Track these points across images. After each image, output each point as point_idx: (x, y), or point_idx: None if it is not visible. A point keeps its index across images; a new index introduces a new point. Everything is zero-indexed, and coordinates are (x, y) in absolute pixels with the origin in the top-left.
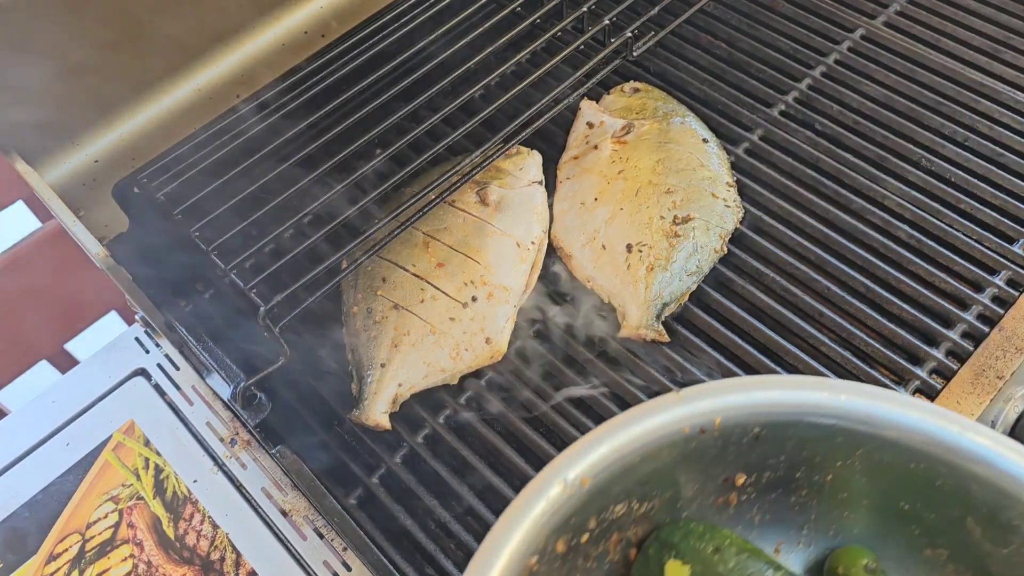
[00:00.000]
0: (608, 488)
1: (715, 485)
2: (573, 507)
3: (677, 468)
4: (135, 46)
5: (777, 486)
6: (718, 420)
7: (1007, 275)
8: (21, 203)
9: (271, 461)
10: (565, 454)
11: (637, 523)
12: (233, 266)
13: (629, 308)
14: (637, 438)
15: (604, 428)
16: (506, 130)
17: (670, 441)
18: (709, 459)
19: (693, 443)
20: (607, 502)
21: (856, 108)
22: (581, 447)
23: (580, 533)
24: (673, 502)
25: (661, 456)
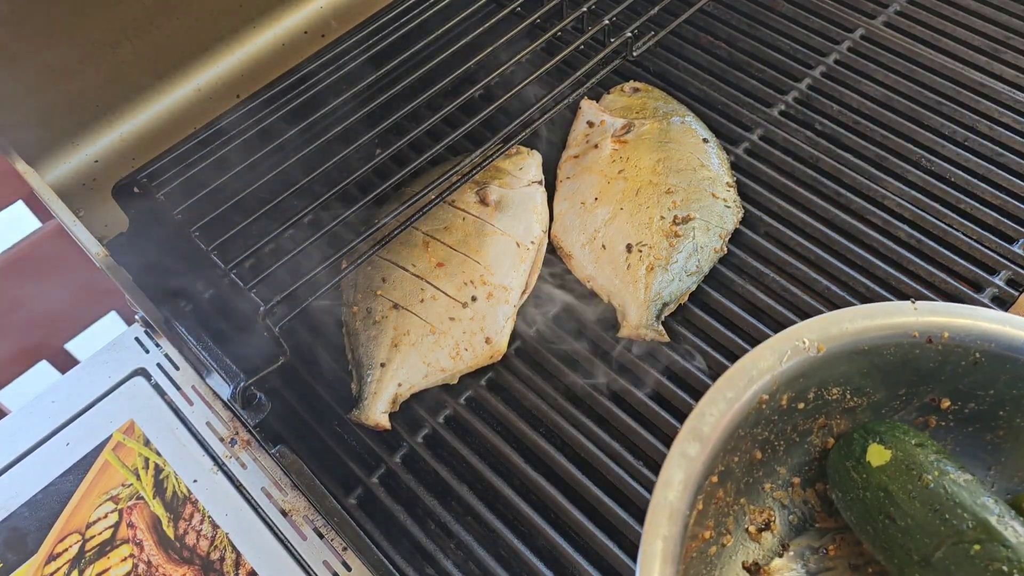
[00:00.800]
0: (835, 364)
1: (921, 403)
2: (804, 367)
3: (895, 372)
4: (135, 46)
5: (977, 420)
6: (946, 334)
7: (1007, 275)
8: (21, 203)
9: (271, 461)
10: (807, 323)
11: (842, 416)
12: (233, 266)
13: (629, 308)
14: (872, 327)
15: (846, 312)
16: (506, 130)
17: (897, 341)
18: (925, 372)
19: (917, 350)
20: (828, 380)
21: (856, 108)
22: (824, 319)
23: (800, 399)
24: (878, 407)
25: (886, 352)
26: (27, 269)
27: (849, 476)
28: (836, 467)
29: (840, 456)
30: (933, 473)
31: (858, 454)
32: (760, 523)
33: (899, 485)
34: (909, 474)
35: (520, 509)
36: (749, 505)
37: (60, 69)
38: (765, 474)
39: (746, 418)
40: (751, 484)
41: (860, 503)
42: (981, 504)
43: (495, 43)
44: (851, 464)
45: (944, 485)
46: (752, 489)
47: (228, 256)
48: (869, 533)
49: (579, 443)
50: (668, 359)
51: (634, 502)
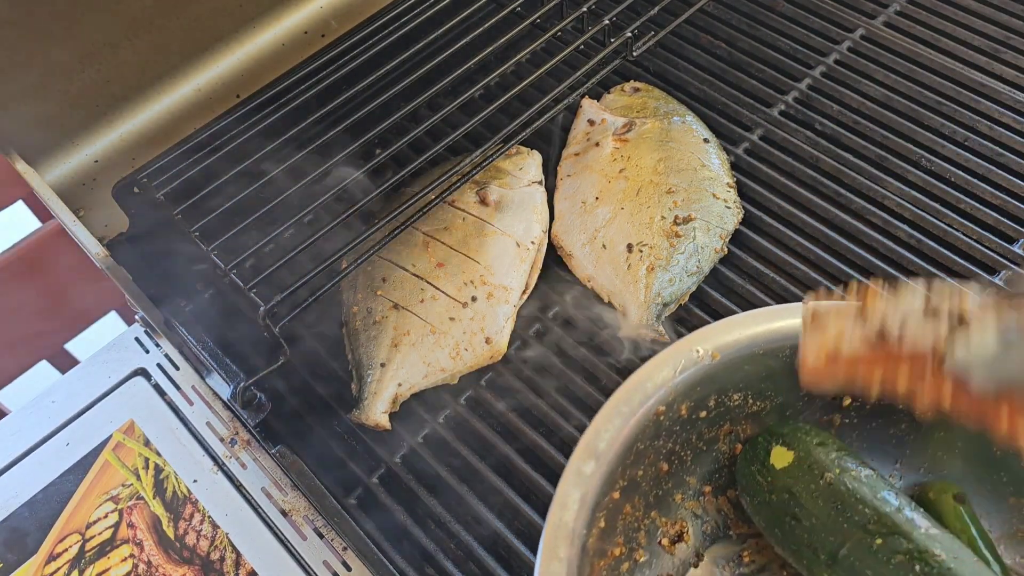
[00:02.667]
0: (732, 371)
1: (823, 402)
2: (700, 376)
3: (794, 373)
4: (135, 46)
5: (879, 415)
6: None
7: (1007, 275)
8: (21, 203)
9: (271, 461)
10: (700, 331)
11: (747, 420)
12: (233, 266)
13: (629, 308)
14: (766, 331)
15: (739, 317)
16: (506, 130)
17: (792, 342)
18: None
19: None
20: (727, 386)
21: (856, 108)
22: (716, 327)
23: (701, 407)
24: (783, 409)
25: (782, 355)
26: (27, 269)
27: (755, 480)
28: (743, 472)
29: (746, 461)
30: (834, 471)
31: (763, 457)
32: (673, 535)
33: (802, 485)
34: (811, 473)
35: (520, 509)
36: (661, 518)
37: (60, 69)
38: (674, 485)
39: (644, 431)
40: (661, 496)
41: (767, 506)
42: (881, 498)
43: (495, 43)
44: (756, 468)
45: (845, 482)
46: (662, 501)
47: (228, 256)
48: (777, 536)
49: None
50: None
51: None
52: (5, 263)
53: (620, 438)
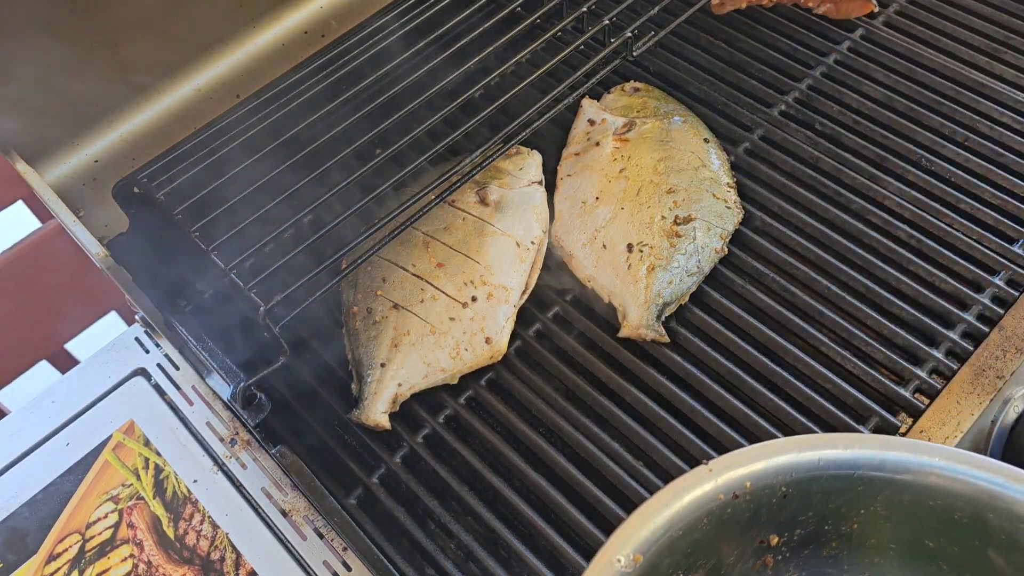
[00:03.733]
0: (658, 563)
1: (752, 548)
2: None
3: (717, 536)
4: (135, 46)
5: (809, 542)
6: (748, 484)
7: (1007, 275)
8: (21, 203)
9: (271, 461)
10: (615, 536)
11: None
12: (233, 266)
13: (629, 308)
14: (678, 511)
15: (646, 507)
16: (506, 130)
17: (707, 510)
18: (744, 523)
19: (728, 509)
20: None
21: (856, 108)
22: (629, 528)
23: None
24: (717, 570)
25: (701, 526)
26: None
27: None
28: None
29: None
30: None
31: None
32: None
33: None
34: None
35: (520, 509)
36: None
37: (60, 69)
38: None
39: None
40: None
41: None
42: None
43: (495, 43)
44: None
45: None
46: None
47: (228, 256)
48: None
49: (579, 443)
50: (668, 359)
51: (633, 502)
52: (5, 263)
53: None
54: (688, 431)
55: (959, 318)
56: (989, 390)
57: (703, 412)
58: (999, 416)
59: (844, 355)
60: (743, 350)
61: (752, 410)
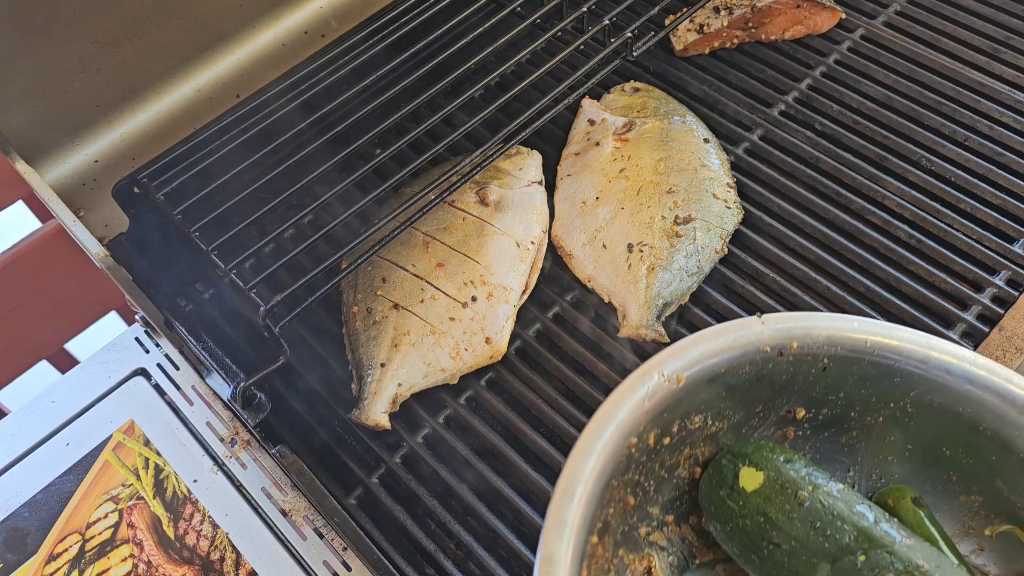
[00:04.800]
0: (695, 392)
1: (777, 416)
2: (667, 401)
3: (752, 389)
4: (135, 46)
5: (831, 425)
6: (794, 344)
7: (1007, 275)
8: (21, 203)
9: (271, 461)
10: (663, 353)
11: (706, 442)
12: (233, 266)
13: (629, 308)
14: (725, 347)
15: (697, 336)
16: (506, 130)
17: (751, 358)
18: (779, 385)
19: (770, 364)
20: (690, 409)
21: (856, 108)
22: (677, 348)
23: (665, 433)
24: (739, 427)
25: (742, 372)
26: (27, 269)
27: (725, 505)
28: (710, 498)
29: (712, 486)
30: (807, 488)
31: (731, 481)
32: (642, 572)
33: (777, 507)
34: (784, 494)
35: (520, 509)
36: (628, 555)
37: (60, 69)
38: (639, 519)
39: (618, 467)
40: (627, 533)
41: (741, 532)
42: (858, 513)
43: (495, 43)
44: (725, 492)
45: (820, 499)
46: (629, 538)
47: (228, 256)
48: (755, 562)
49: None
50: None
51: None
52: (5, 263)
53: (595, 477)
54: None
55: (959, 318)
56: None
57: None
58: None
59: None
60: None
61: None
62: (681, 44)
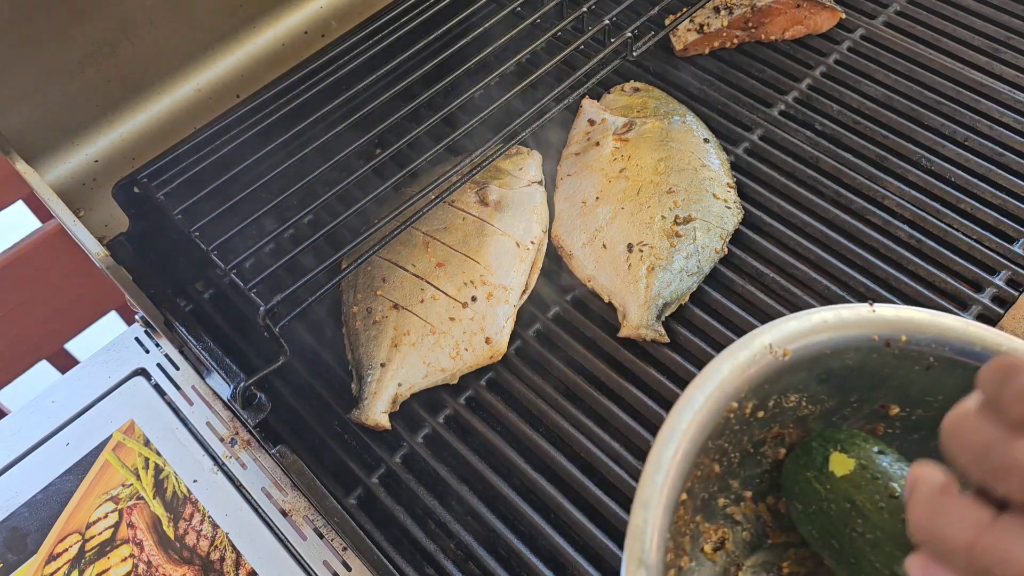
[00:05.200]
0: (797, 370)
1: (870, 409)
2: (769, 372)
3: (851, 377)
4: (135, 45)
5: (923, 427)
6: (904, 338)
7: (1007, 275)
8: (21, 203)
9: (271, 461)
10: (770, 324)
11: (795, 424)
12: (233, 266)
13: (629, 308)
14: (833, 327)
15: (805, 314)
16: (506, 130)
17: (856, 344)
18: (879, 377)
19: (874, 354)
20: (789, 386)
21: (856, 108)
22: (785, 322)
23: (761, 406)
24: (830, 414)
25: (847, 356)
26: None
27: (811, 487)
28: (795, 478)
29: (798, 467)
30: (899, 481)
31: (820, 464)
32: (715, 542)
33: (866, 495)
34: (875, 483)
35: (520, 509)
36: (704, 523)
37: (60, 69)
38: (720, 488)
39: (715, 428)
40: (707, 500)
41: (824, 515)
42: None
43: (495, 43)
44: (812, 475)
45: None
46: (707, 506)
47: (228, 256)
48: (834, 547)
49: (579, 443)
50: (668, 359)
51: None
52: (5, 263)
53: (695, 432)
54: None
55: None
56: None
57: None
58: None
59: None
60: None
61: None
62: (681, 44)
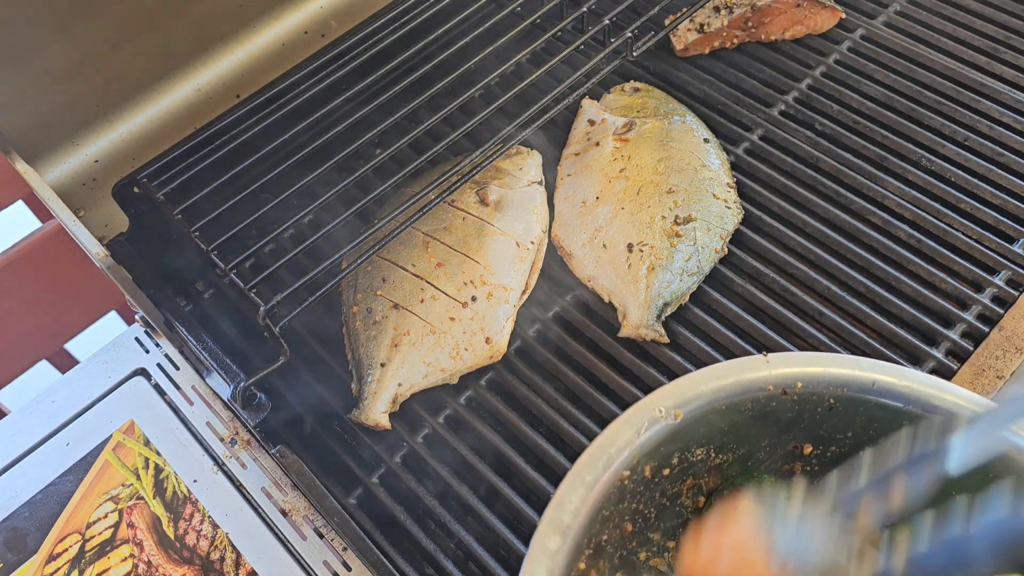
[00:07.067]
0: (695, 428)
1: (784, 451)
2: (663, 436)
3: (755, 425)
4: (135, 46)
5: (839, 462)
6: (799, 384)
7: (1007, 275)
8: (21, 203)
9: (271, 461)
10: (662, 390)
11: (710, 473)
12: (233, 266)
13: (629, 308)
14: (727, 386)
15: (698, 374)
16: (506, 130)
17: (754, 396)
18: (784, 423)
19: (773, 403)
20: (691, 442)
21: (856, 108)
22: (677, 386)
23: (664, 466)
24: (745, 460)
25: (744, 409)
26: (27, 269)
27: None
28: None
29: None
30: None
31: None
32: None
33: None
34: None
35: (520, 509)
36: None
37: (60, 69)
38: (639, 544)
39: (609, 498)
40: (625, 557)
41: None
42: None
43: (495, 43)
44: None
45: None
46: (627, 562)
47: (228, 256)
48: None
49: (579, 443)
50: (668, 359)
51: None
52: (5, 263)
53: (585, 509)
54: None
55: (959, 318)
56: (989, 390)
57: None
58: None
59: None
60: (743, 350)
61: None
62: (681, 44)
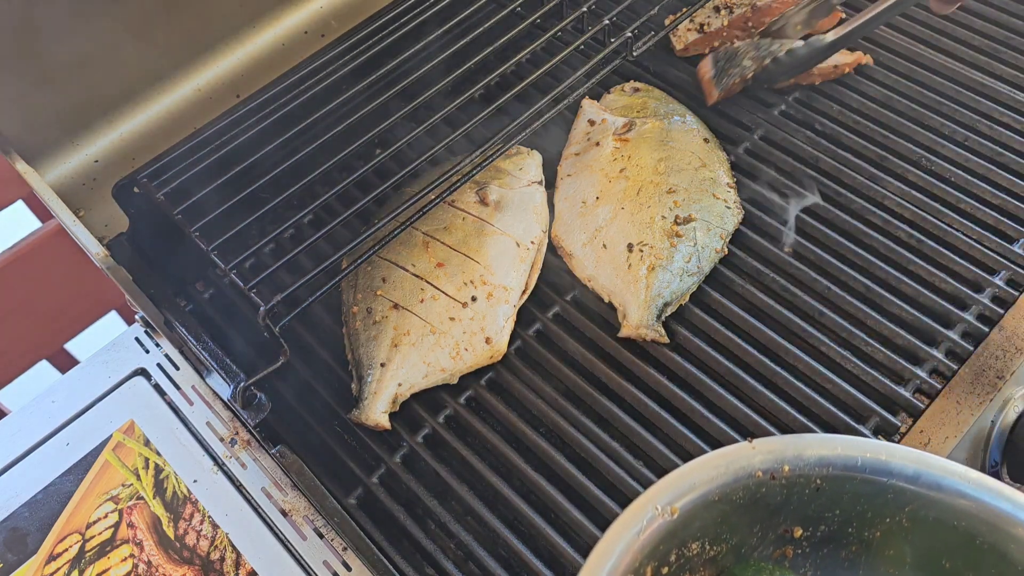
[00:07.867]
0: (690, 522)
1: (775, 535)
2: (662, 534)
3: (746, 513)
4: (135, 46)
5: (830, 541)
6: (786, 468)
7: (1007, 275)
8: (21, 203)
9: (271, 461)
10: (657, 486)
11: (705, 566)
12: (233, 266)
13: (629, 308)
14: (717, 476)
15: (688, 467)
16: (506, 130)
17: (744, 484)
18: (774, 507)
19: (763, 488)
20: (687, 537)
21: (856, 108)
22: (671, 480)
23: (663, 564)
24: (738, 549)
25: (736, 497)
26: (27, 269)
27: None
28: None
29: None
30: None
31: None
32: None
33: None
34: None
35: (520, 509)
36: None
37: (60, 69)
38: None
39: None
40: None
41: None
42: None
43: (495, 43)
44: None
45: None
46: None
47: (228, 256)
48: None
49: (579, 443)
50: (668, 359)
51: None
52: (5, 263)
53: None
54: (688, 431)
55: (959, 318)
56: (989, 390)
57: (703, 412)
58: (999, 416)
59: (844, 355)
60: (743, 350)
61: (752, 410)
62: (681, 44)
